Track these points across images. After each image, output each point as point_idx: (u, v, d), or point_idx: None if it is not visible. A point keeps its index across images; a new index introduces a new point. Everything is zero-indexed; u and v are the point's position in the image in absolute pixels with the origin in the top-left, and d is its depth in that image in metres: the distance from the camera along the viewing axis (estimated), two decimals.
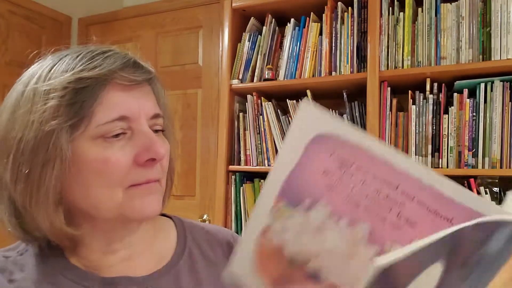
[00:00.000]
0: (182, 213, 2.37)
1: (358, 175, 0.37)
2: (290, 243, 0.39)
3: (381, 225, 0.35)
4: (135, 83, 0.51)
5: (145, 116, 0.51)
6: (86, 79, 0.47)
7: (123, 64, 0.50)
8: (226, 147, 1.82)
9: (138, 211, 0.50)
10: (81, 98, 0.47)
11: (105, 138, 0.48)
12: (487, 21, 1.42)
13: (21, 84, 0.50)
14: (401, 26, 1.54)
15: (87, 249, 0.54)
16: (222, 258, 0.62)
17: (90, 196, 0.49)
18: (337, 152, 0.38)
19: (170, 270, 0.56)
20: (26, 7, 2.28)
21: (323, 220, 0.38)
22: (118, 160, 0.48)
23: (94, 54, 0.50)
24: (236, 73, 1.84)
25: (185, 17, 2.26)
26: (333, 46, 1.66)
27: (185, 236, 0.62)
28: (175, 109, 2.25)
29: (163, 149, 0.50)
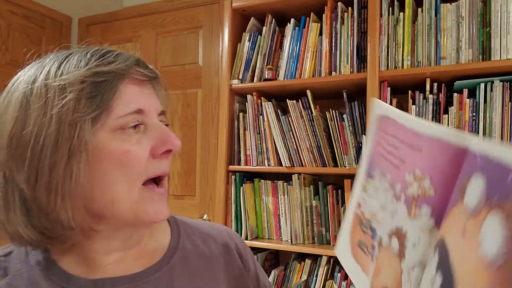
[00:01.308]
0: (182, 213, 2.35)
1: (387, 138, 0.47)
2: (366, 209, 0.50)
3: (393, 171, 0.44)
4: (148, 79, 0.53)
5: (155, 111, 0.53)
6: (104, 73, 0.48)
7: (136, 61, 0.52)
8: (226, 147, 1.82)
9: (152, 215, 0.51)
10: (101, 91, 0.48)
11: (123, 131, 0.49)
12: (487, 21, 1.42)
13: (23, 83, 0.49)
14: (401, 26, 1.54)
15: (86, 249, 0.53)
16: (216, 254, 0.62)
17: (108, 191, 0.49)
18: (381, 126, 0.49)
19: (162, 267, 0.56)
20: (26, 7, 2.28)
21: (379, 183, 0.48)
22: (138, 153, 0.49)
23: (104, 52, 0.51)
24: (236, 73, 1.84)
25: (185, 17, 2.26)
26: (333, 46, 1.66)
27: (179, 233, 0.62)
28: (175, 109, 2.25)
29: (178, 141, 0.52)
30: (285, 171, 1.72)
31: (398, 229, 0.43)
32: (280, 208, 1.77)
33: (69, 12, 2.53)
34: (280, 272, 1.76)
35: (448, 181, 0.38)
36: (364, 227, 0.50)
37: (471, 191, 0.33)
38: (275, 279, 1.73)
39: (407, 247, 0.41)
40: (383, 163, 0.48)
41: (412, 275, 0.40)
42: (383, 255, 0.45)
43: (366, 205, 0.51)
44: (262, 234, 1.83)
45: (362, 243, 0.50)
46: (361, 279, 0.49)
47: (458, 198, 0.35)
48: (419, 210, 0.40)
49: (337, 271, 1.63)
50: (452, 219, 0.36)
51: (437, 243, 0.37)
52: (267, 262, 1.85)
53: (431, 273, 0.37)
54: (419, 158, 0.41)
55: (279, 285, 1.74)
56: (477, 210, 0.32)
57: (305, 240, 1.70)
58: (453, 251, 0.34)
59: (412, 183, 0.41)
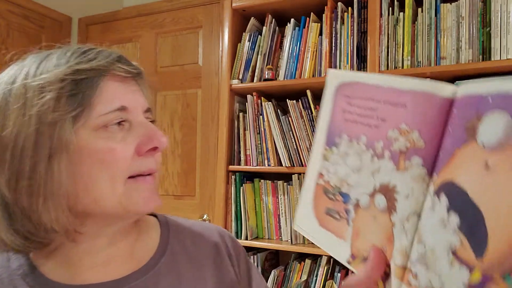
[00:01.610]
0: (182, 213, 2.35)
1: (355, 101, 0.49)
2: (332, 177, 0.51)
3: (370, 131, 0.46)
4: (131, 75, 0.52)
5: (141, 108, 0.52)
6: (85, 70, 0.47)
7: (118, 57, 0.51)
8: (226, 147, 1.82)
9: (142, 204, 0.50)
10: (82, 89, 0.47)
11: (107, 129, 0.48)
12: (487, 21, 1.42)
13: (3, 84, 0.49)
14: (401, 26, 1.54)
15: (73, 250, 0.52)
16: (206, 256, 0.61)
17: (91, 189, 0.48)
18: (345, 92, 0.51)
19: (148, 271, 0.55)
20: (26, 7, 2.28)
21: (346, 148, 0.50)
22: (122, 151, 0.48)
23: (84, 50, 0.50)
24: (236, 73, 1.84)
25: (185, 17, 2.26)
26: (333, 46, 1.66)
27: (168, 234, 0.61)
28: (175, 109, 2.25)
29: (165, 138, 0.51)
30: (285, 171, 1.73)
31: (383, 185, 0.44)
32: (280, 208, 1.77)
33: (69, 12, 2.53)
34: (280, 272, 1.76)
35: (436, 131, 0.41)
36: (331, 195, 0.51)
37: (488, 129, 0.35)
38: (275, 279, 1.73)
39: (398, 200, 0.42)
40: (352, 128, 0.49)
41: (408, 225, 0.42)
42: (363, 215, 0.47)
43: (330, 173, 0.52)
44: (262, 234, 1.83)
45: (331, 210, 0.51)
46: (337, 246, 0.50)
47: (465, 139, 0.37)
48: (410, 162, 0.42)
49: (337, 271, 1.63)
50: (462, 159, 0.37)
51: (439, 188, 0.39)
52: (267, 262, 1.85)
53: (439, 216, 0.38)
54: (404, 114, 0.43)
55: (279, 285, 1.74)
56: (503, 144, 0.33)
57: (305, 240, 1.70)
58: (473, 189, 0.35)
59: (398, 138, 0.43)
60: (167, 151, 2.25)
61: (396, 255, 0.43)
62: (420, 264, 0.40)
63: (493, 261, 0.33)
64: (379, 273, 0.45)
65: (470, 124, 0.37)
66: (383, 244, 0.45)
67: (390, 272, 0.44)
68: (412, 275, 0.41)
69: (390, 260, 0.44)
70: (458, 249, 0.36)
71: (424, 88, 0.42)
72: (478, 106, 0.37)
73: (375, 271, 0.45)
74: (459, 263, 0.36)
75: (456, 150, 0.38)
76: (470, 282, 0.35)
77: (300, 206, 0.57)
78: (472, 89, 0.38)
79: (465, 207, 0.36)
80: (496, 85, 0.36)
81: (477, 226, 0.35)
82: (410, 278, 0.41)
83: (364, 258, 0.47)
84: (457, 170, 0.37)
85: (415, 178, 0.41)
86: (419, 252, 0.40)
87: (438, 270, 0.38)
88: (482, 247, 0.34)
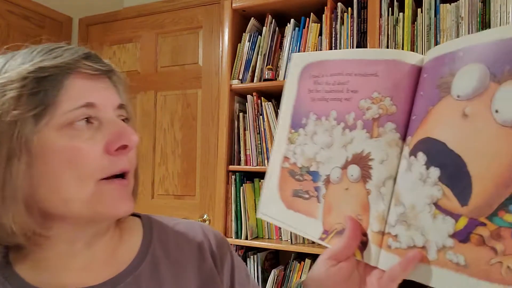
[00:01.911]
0: (182, 213, 2.36)
1: (323, 79, 0.50)
2: (298, 158, 0.52)
3: (341, 105, 0.48)
4: (99, 72, 0.50)
5: (111, 106, 0.50)
6: (49, 67, 0.46)
7: (86, 54, 0.50)
8: (226, 147, 1.82)
9: (112, 207, 0.49)
10: (44, 86, 0.45)
11: (73, 127, 0.46)
12: (487, 22, 1.42)
13: None
14: (401, 27, 1.54)
15: (48, 253, 0.50)
16: (189, 258, 0.59)
17: (59, 190, 0.46)
18: (311, 72, 0.52)
19: (129, 275, 0.53)
20: (26, 7, 2.29)
21: (313, 127, 0.51)
22: (89, 149, 0.46)
23: (52, 47, 0.49)
24: (236, 73, 1.84)
25: (185, 17, 2.26)
26: (333, 46, 1.66)
27: (151, 237, 0.59)
28: (175, 109, 2.25)
29: (135, 136, 0.49)
30: None
31: (357, 154, 0.46)
32: None
33: (69, 12, 2.53)
34: (280, 272, 1.76)
35: (407, 96, 0.43)
36: (299, 176, 0.52)
37: (462, 81, 0.37)
38: (275, 279, 1.73)
39: (373, 167, 0.44)
40: (320, 106, 0.51)
41: (384, 189, 0.43)
42: (334, 189, 0.48)
43: (296, 155, 0.53)
44: (262, 234, 1.83)
45: (299, 191, 0.52)
46: (308, 225, 0.51)
47: (439, 96, 0.39)
48: (383, 128, 0.44)
49: None
50: (438, 115, 0.39)
51: (415, 147, 0.40)
52: (267, 262, 1.85)
53: (416, 173, 0.40)
54: (375, 82, 0.45)
55: (279, 285, 1.74)
56: (479, 91, 0.35)
57: (305, 240, 1.71)
58: (452, 139, 0.37)
59: (371, 106, 0.45)
60: (167, 151, 2.25)
61: (373, 222, 0.44)
62: (400, 225, 0.41)
63: (480, 204, 0.34)
64: (356, 243, 0.45)
65: (443, 81, 0.39)
66: (358, 213, 0.46)
67: (367, 240, 0.45)
68: (392, 238, 0.42)
69: (367, 229, 0.45)
70: (440, 200, 0.37)
71: (394, 57, 0.44)
72: (450, 62, 0.38)
73: (352, 241, 0.45)
74: (443, 214, 0.37)
75: (430, 109, 0.40)
76: (455, 230, 0.36)
77: (264, 193, 0.57)
78: (439, 50, 0.40)
79: (444, 158, 0.37)
80: (464, 40, 0.38)
81: (459, 174, 0.36)
82: (390, 241, 0.42)
83: (338, 232, 0.48)
84: (433, 126, 0.39)
85: (389, 143, 0.43)
86: (398, 213, 0.41)
87: (420, 226, 0.39)
88: (467, 193, 0.35)
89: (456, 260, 0.36)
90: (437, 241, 0.37)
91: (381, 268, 0.43)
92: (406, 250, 0.40)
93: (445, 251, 0.37)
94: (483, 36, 0.36)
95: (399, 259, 0.41)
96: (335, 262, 0.47)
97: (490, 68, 0.35)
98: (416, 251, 0.39)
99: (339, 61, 0.49)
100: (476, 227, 0.34)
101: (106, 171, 0.48)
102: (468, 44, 0.37)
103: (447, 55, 0.39)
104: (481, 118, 0.35)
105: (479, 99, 0.35)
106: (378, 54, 0.45)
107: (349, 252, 0.46)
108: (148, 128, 2.30)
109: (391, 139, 0.43)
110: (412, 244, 0.40)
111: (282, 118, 0.56)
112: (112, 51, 2.46)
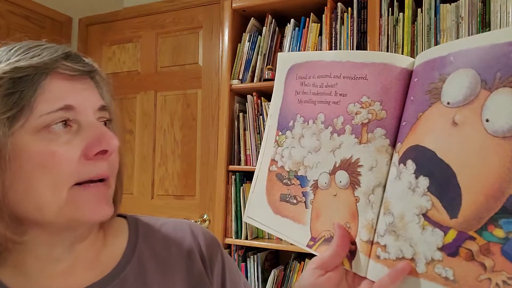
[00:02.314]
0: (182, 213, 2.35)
1: (310, 81, 0.49)
2: (286, 161, 0.51)
3: (329, 109, 0.46)
4: (78, 73, 0.48)
5: (91, 108, 0.48)
6: (25, 68, 0.44)
7: (65, 54, 0.47)
8: (226, 147, 1.82)
9: (88, 213, 0.47)
10: (20, 87, 0.43)
11: (50, 131, 0.44)
12: (487, 22, 1.42)
13: None
14: (401, 27, 1.54)
15: (27, 257, 0.49)
16: (177, 260, 0.57)
17: (33, 196, 0.44)
18: (298, 73, 0.50)
19: (114, 279, 0.51)
20: (26, 7, 2.29)
21: (301, 130, 0.49)
22: (65, 154, 0.44)
23: (30, 46, 0.48)
24: (236, 73, 1.84)
25: (185, 17, 2.26)
26: (333, 46, 1.66)
27: (137, 239, 0.57)
28: (175, 109, 2.25)
29: (115, 140, 0.47)
30: None
31: (345, 160, 0.44)
32: None
33: (69, 12, 2.53)
34: (280, 272, 1.76)
35: (397, 100, 0.41)
36: (287, 180, 0.51)
37: (452, 87, 0.36)
38: (275, 279, 1.73)
39: (362, 173, 0.43)
40: (307, 108, 0.49)
41: (373, 197, 0.42)
42: (323, 195, 0.47)
43: (284, 158, 0.51)
44: (262, 234, 1.83)
45: (287, 195, 0.50)
46: (296, 231, 0.49)
47: (429, 102, 0.38)
48: (372, 134, 0.42)
49: None
50: (427, 121, 0.37)
51: (404, 155, 0.39)
52: (267, 262, 1.85)
53: (405, 182, 0.38)
54: (365, 86, 0.43)
55: (279, 285, 1.74)
56: (469, 98, 0.34)
57: None
58: (441, 147, 0.36)
59: (360, 111, 0.44)
60: (167, 151, 2.25)
61: (362, 230, 0.42)
62: (389, 235, 0.39)
63: (469, 216, 0.33)
64: (345, 251, 0.44)
65: (433, 86, 0.38)
66: (347, 221, 0.44)
67: (356, 249, 0.43)
68: (380, 248, 0.40)
69: (356, 237, 0.43)
70: (429, 211, 0.36)
71: (384, 60, 0.42)
72: (440, 67, 0.37)
73: (340, 249, 0.43)
74: (432, 225, 0.36)
75: (419, 115, 0.39)
76: (444, 243, 0.35)
77: (251, 197, 0.55)
78: (429, 54, 0.39)
79: (434, 167, 0.36)
80: (455, 44, 0.36)
81: (448, 185, 0.35)
82: (379, 251, 0.40)
83: (326, 239, 0.46)
84: (423, 133, 0.38)
85: (379, 149, 0.42)
86: (387, 223, 0.40)
87: (408, 237, 0.38)
88: (456, 205, 0.34)
89: (444, 274, 0.35)
90: (426, 253, 0.36)
91: (369, 278, 0.42)
92: (395, 261, 0.39)
93: (434, 264, 0.35)
94: (474, 40, 0.35)
95: (388, 270, 0.39)
96: (323, 271, 0.45)
97: (481, 75, 0.33)
98: (405, 263, 0.38)
99: (327, 62, 0.47)
100: (465, 240, 0.33)
101: (81, 176, 0.46)
102: (459, 48, 0.36)
103: (437, 60, 0.38)
104: (471, 127, 0.34)
105: (469, 107, 0.34)
106: (367, 57, 0.44)
107: (338, 261, 0.44)
108: (148, 128, 2.30)
109: (380, 145, 0.42)
110: (401, 255, 0.38)
111: (270, 120, 0.54)
112: (112, 51, 2.45)
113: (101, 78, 0.52)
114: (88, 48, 2.51)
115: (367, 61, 0.43)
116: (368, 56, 0.44)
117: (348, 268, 0.44)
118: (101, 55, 2.47)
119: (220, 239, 1.79)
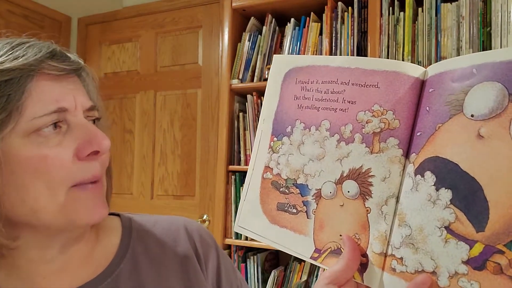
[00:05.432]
0: (182, 213, 2.34)
1: (312, 86, 0.47)
2: (283, 169, 0.49)
3: (335, 116, 0.45)
4: (65, 72, 0.47)
5: (81, 108, 0.48)
6: (9, 70, 0.43)
7: (50, 53, 0.46)
8: (226, 147, 1.82)
9: (86, 215, 0.47)
10: (6, 91, 0.42)
11: (39, 134, 0.44)
12: (487, 21, 1.42)
13: None
14: (401, 26, 1.54)
15: (21, 261, 0.48)
16: (172, 258, 0.57)
17: (28, 200, 0.44)
18: (298, 77, 0.48)
19: (107, 277, 0.51)
20: (25, 6, 2.28)
21: (300, 137, 0.47)
22: (57, 157, 0.44)
23: (14, 44, 0.46)
24: (236, 73, 1.84)
25: (185, 17, 2.26)
26: (333, 46, 1.66)
27: (130, 237, 0.57)
28: (175, 109, 2.24)
29: (106, 141, 0.47)
30: None
31: (354, 170, 0.43)
32: None
33: (68, 11, 2.53)
34: (280, 273, 1.75)
35: (410, 110, 0.40)
36: (284, 188, 0.48)
37: (476, 100, 0.35)
38: (275, 280, 1.72)
39: (374, 184, 0.41)
40: (309, 114, 0.47)
41: (386, 208, 0.40)
42: (327, 205, 0.45)
43: (280, 165, 0.49)
44: None
45: (285, 204, 0.48)
46: (296, 242, 0.47)
47: (450, 114, 0.37)
48: (385, 143, 0.41)
49: None
50: (448, 133, 0.37)
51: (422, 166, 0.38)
52: (267, 262, 1.85)
53: (424, 194, 0.37)
54: (376, 94, 0.42)
55: (279, 285, 1.74)
56: (495, 111, 0.34)
57: None
58: (466, 160, 0.35)
59: (371, 119, 0.42)
60: (167, 151, 2.24)
61: (374, 242, 0.41)
62: (406, 247, 0.38)
63: (498, 230, 0.32)
64: (356, 264, 0.42)
65: (453, 98, 0.37)
66: (356, 232, 0.43)
67: (367, 262, 0.42)
68: (396, 261, 0.39)
69: (367, 249, 0.42)
70: (453, 224, 0.35)
71: (395, 68, 0.41)
72: (461, 79, 0.36)
73: (352, 262, 0.42)
74: (456, 239, 0.35)
75: (438, 126, 0.38)
76: (470, 257, 0.34)
77: (242, 205, 0.52)
78: (445, 65, 0.38)
79: (457, 180, 0.35)
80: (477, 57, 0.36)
81: (474, 198, 0.34)
82: (394, 264, 0.39)
83: (332, 251, 0.44)
84: (443, 144, 0.37)
85: (392, 159, 0.41)
86: (404, 235, 0.39)
87: (429, 250, 0.37)
88: (483, 218, 0.33)
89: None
90: (449, 267, 0.35)
91: None
92: (414, 274, 0.38)
93: (458, 277, 0.34)
94: (498, 54, 0.34)
95: (405, 283, 0.38)
96: (336, 286, 0.44)
97: (509, 89, 0.33)
98: (425, 276, 0.37)
99: (333, 68, 0.45)
100: (493, 254, 0.33)
101: (77, 178, 0.46)
102: (483, 61, 0.35)
103: (457, 71, 0.37)
104: (499, 141, 0.33)
105: (497, 120, 0.34)
106: (378, 64, 0.42)
107: (349, 275, 0.43)
108: (148, 128, 2.30)
109: (393, 155, 0.41)
110: (420, 268, 0.37)
111: (263, 124, 0.52)
112: (111, 51, 2.45)
113: (87, 74, 0.51)
114: (87, 47, 2.50)
115: (378, 68, 0.42)
116: (378, 63, 0.42)
117: (359, 281, 0.43)
118: (100, 55, 2.47)
119: (220, 239, 1.79)
